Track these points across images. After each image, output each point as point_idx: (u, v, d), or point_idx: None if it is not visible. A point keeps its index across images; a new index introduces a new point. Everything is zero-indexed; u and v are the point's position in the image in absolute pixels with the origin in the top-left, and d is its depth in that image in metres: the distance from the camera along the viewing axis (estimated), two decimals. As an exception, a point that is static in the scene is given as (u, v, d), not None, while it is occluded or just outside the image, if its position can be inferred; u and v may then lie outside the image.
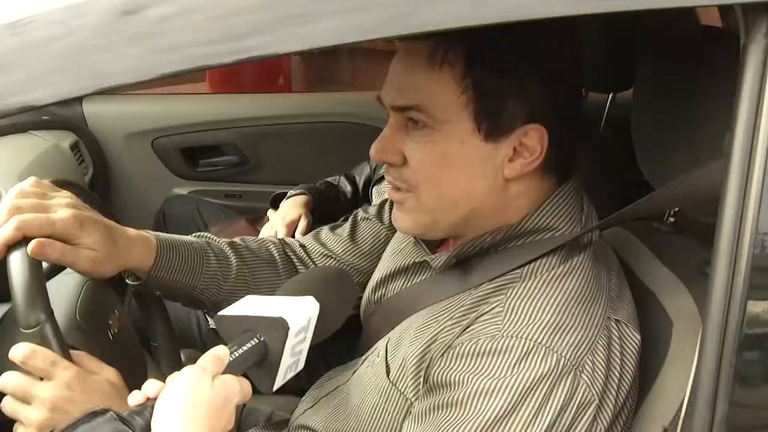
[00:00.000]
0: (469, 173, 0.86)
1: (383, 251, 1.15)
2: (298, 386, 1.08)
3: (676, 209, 1.06)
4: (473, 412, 0.78)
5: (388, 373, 0.93)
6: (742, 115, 0.65)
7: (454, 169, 0.86)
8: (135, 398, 0.65)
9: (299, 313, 0.73)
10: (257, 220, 1.98)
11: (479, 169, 0.86)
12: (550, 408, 0.77)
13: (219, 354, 0.67)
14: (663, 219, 1.09)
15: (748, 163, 0.66)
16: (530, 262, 0.87)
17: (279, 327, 0.71)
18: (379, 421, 0.92)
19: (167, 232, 1.05)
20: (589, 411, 0.79)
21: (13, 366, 0.77)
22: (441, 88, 0.83)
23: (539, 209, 0.89)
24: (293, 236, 1.70)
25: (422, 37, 0.81)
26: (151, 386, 0.65)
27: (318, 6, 0.63)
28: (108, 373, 0.81)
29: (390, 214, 1.19)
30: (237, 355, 0.68)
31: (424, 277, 1.00)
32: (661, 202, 0.92)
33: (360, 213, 1.23)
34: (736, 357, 0.70)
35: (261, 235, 1.75)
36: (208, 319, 1.62)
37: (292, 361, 0.73)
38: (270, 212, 1.87)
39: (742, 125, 0.65)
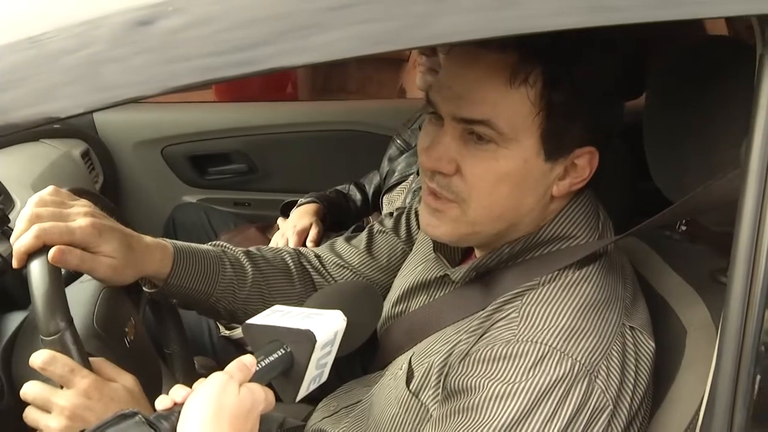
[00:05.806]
0: (524, 190, 0.85)
1: (399, 265, 1.15)
2: (310, 394, 1.08)
3: (688, 217, 1.06)
4: (489, 417, 0.78)
5: (408, 383, 0.93)
6: (760, 124, 0.65)
7: (511, 186, 0.84)
8: (163, 403, 0.65)
9: (326, 327, 0.73)
10: (267, 228, 1.99)
11: (533, 187, 0.86)
12: (565, 412, 0.78)
13: (246, 362, 0.68)
14: (675, 227, 1.09)
15: (767, 171, 0.66)
16: None
17: (306, 339, 0.71)
18: (399, 430, 0.92)
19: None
20: (604, 416, 0.80)
21: (33, 372, 0.78)
22: (516, 106, 0.81)
23: (557, 218, 0.90)
24: (304, 244, 1.71)
25: (499, 48, 0.79)
26: (178, 391, 0.66)
27: (327, 19, 0.63)
28: (126, 380, 0.82)
29: (406, 228, 1.19)
30: (264, 364, 0.69)
31: (446, 292, 0.99)
32: (681, 213, 0.92)
33: (376, 225, 1.23)
34: (755, 366, 0.70)
35: (272, 244, 1.76)
36: (219, 327, 1.63)
37: (316, 373, 0.73)
38: (280, 220, 1.88)
39: (760, 134, 0.65)
